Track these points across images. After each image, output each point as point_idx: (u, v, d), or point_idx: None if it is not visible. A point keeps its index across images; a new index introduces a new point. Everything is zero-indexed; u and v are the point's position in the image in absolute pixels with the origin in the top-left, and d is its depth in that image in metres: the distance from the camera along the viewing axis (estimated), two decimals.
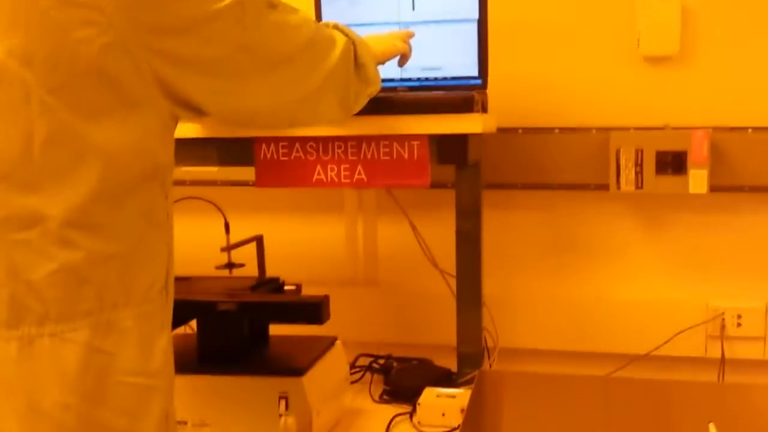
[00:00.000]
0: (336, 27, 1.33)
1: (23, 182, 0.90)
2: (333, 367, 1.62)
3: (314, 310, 1.47)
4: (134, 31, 0.91)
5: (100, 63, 0.90)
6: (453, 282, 1.81)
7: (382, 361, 1.94)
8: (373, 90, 1.40)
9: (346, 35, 1.31)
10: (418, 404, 1.61)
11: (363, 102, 1.39)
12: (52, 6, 0.87)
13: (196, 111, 1.06)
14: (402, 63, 1.60)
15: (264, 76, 1.12)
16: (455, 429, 1.55)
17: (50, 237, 0.91)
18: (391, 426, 1.62)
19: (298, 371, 1.46)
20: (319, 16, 1.77)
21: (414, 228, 1.98)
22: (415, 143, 1.59)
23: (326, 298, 1.49)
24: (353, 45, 1.32)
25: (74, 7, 0.88)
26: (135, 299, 0.98)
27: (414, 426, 1.61)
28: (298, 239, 2.09)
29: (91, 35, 0.89)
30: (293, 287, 1.63)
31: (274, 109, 1.20)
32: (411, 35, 1.62)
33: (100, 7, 0.88)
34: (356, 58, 1.32)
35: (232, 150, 1.71)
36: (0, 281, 0.92)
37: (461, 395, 1.61)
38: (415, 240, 2.00)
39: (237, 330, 1.54)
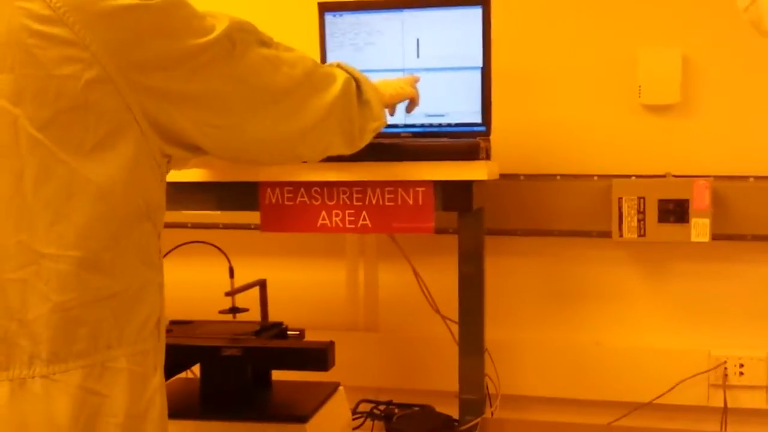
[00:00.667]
0: (339, 66, 1.34)
1: (17, 220, 0.91)
2: (336, 413, 1.60)
3: (319, 357, 1.46)
4: (119, 68, 0.92)
5: (86, 98, 0.91)
6: (455, 327, 1.80)
7: (383, 407, 1.92)
8: (379, 125, 1.39)
9: (349, 73, 1.32)
10: None
11: (369, 137, 1.38)
12: (37, 44, 0.89)
13: (191, 148, 1.06)
14: (410, 109, 1.61)
15: (258, 109, 1.12)
16: None
17: (45, 276, 0.91)
18: None
19: (302, 418, 1.45)
20: (324, 61, 1.79)
21: (416, 273, 1.98)
22: (420, 189, 1.59)
23: (331, 344, 1.49)
24: (355, 81, 1.32)
25: (59, 45, 0.89)
26: (128, 339, 0.97)
27: None
28: (299, 284, 2.08)
29: (77, 71, 0.90)
30: (296, 333, 1.62)
31: (271, 143, 1.19)
32: (417, 80, 1.64)
33: (84, 43, 0.90)
34: (360, 94, 1.32)
35: (236, 194, 1.71)
36: None
37: None
38: (416, 285, 1.99)
39: (241, 375, 1.53)
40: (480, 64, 1.72)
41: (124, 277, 0.97)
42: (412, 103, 1.60)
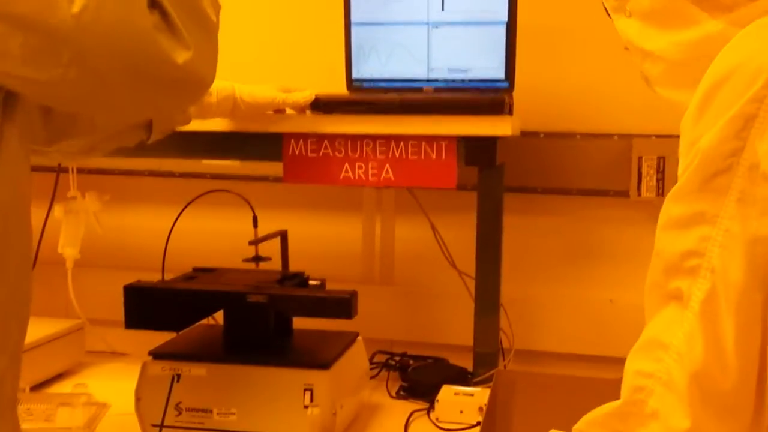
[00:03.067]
0: None
1: None
2: (355, 361, 1.63)
3: (344, 305, 1.48)
4: None
5: None
6: (470, 283, 1.82)
7: (398, 359, 1.95)
8: None
9: None
10: (437, 401, 1.63)
11: None
12: None
13: None
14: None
15: None
16: (474, 426, 1.57)
17: None
18: (409, 421, 1.63)
19: (324, 364, 1.47)
20: (348, 15, 1.78)
21: (433, 228, 1.99)
22: (443, 144, 1.61)
23: (355, 293, 1.51)
24: None
25: None
26: None
27: (432, 422, 1.63)
28: (316, 235, 2.09)
29: None
30: (317, 282, 1.64)
31: None
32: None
33: None
34: None
35: (259, 145, 1.72)
36: None
37: (479, 393, 1.63)
38: (433, 240, 2.00)
39: (265, 322, 1.55)
40: (505, 18, 1.72)
41: None
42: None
